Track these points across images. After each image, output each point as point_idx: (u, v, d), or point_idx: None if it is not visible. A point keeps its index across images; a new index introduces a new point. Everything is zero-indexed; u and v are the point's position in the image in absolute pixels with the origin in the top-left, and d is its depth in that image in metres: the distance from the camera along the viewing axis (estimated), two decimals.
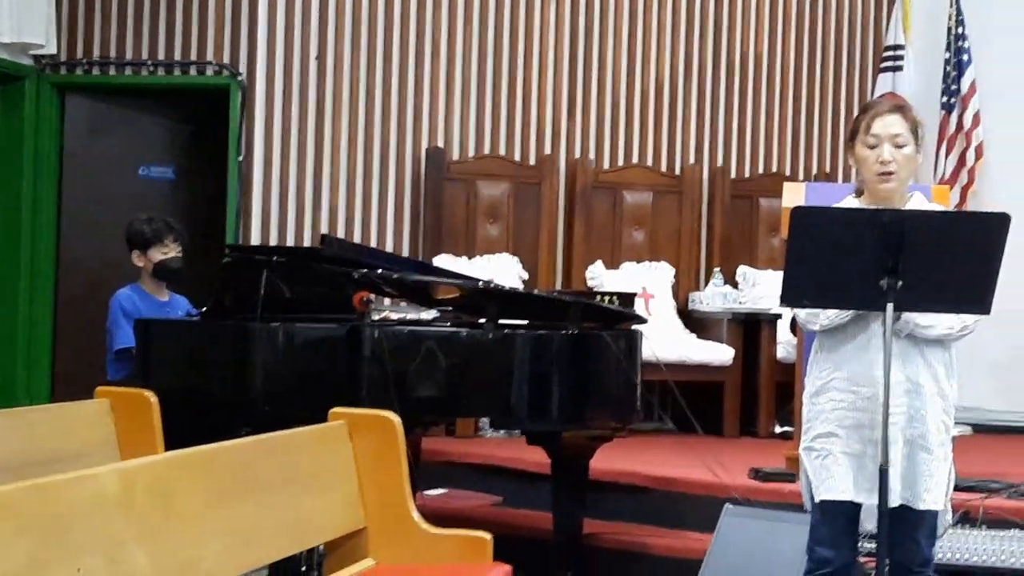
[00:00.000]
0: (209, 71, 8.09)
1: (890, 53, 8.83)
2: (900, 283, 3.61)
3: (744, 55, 9.05)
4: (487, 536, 3.92)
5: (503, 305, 5.19)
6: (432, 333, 5.00)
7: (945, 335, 3.90)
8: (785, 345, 7.82)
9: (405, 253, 8.10)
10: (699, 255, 8.83)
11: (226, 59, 8.07)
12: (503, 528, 5.69)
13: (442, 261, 7.81)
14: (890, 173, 3.88)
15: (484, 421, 7.43)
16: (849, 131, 4.07)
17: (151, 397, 4.44)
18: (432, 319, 5.93)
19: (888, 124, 3.91)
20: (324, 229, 7.98)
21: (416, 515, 3.95)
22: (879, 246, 3.61)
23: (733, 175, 8.98)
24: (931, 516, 3.91)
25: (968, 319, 3.90)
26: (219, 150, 8.10)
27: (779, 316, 7.68)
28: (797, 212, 3.64)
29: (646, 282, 8.31)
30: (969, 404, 8.74)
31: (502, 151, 8.45)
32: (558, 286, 8.37)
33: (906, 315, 3.80)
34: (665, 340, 7.75)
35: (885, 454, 3.62)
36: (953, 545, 5.10)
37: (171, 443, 4.28)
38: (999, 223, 3.62)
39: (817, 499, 3.91)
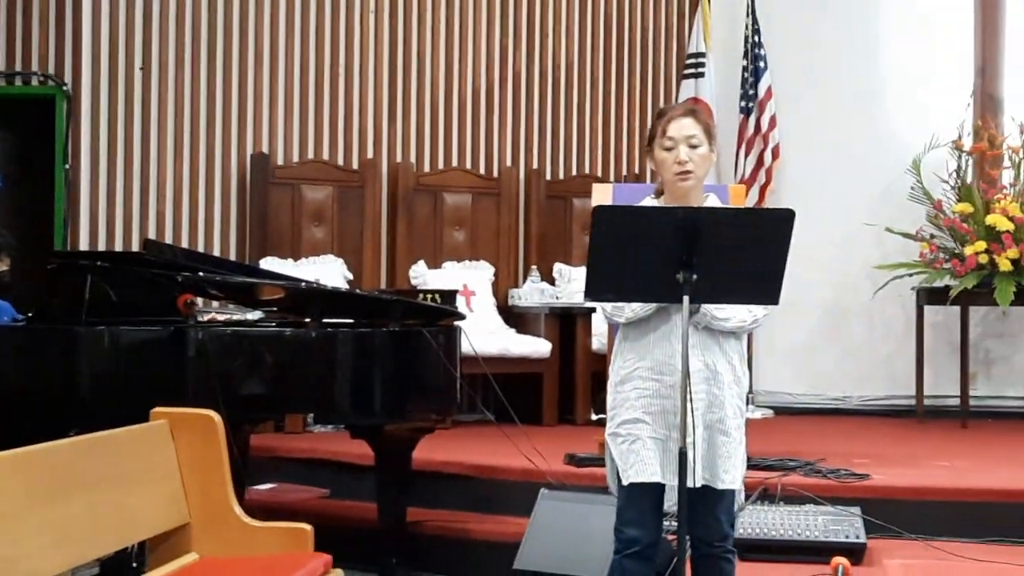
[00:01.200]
0: (34, 81, 7.89)
1: (692, 61, 8.96)
2: (695, 276, 3.66)
3: (556, 63, 9.15)
4: (308, 527, 3.91)
5: (326, 305, 5.18)
6: (256, 333, 4.97)
7: (739, 326, 3.98)
8: (599, 337, 7.93)
9: (232, 257, 8.00)
10: (517, 253, 8.90)
11: (51, 69, 7.87)
12: (330, 519, 5.70)
13: (268, 264, 7.73)
14: (687, 172, 3.96)
15: (312, 417, 7.38)
16: (647, 135, 4.14)
17: None
18: (258, 320, 5.87)
19: (683, 127, 3.99)
20: (152, 235, 7.84)
21: (238, 509, 3.92)
22: (675, 242, 3.66)
23: (548, 177, 9.06)
24: (730, 495, 3.99)
25: (758, 311, 3.98)
26: (46, 159, 7.90)
27: (593, 310, 7.77)
28: (598, 211, 3.69)
29: (467, 280, 8.35)
30: (770, 388, 9.00)
31: (325, 156, 8.41)
32: (382, 285, 8.35)
33: (704, 307, 3.87)
34: (486, 335, 7.80)
35: (683, 437, 3.70)
36: (753, 520, 5.22)
37: (4, 445, 4.17)
38: (784, 219, 3.70)
39: (626, 482, 3.95)
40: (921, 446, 7.22)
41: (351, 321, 5.27)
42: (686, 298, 3.68)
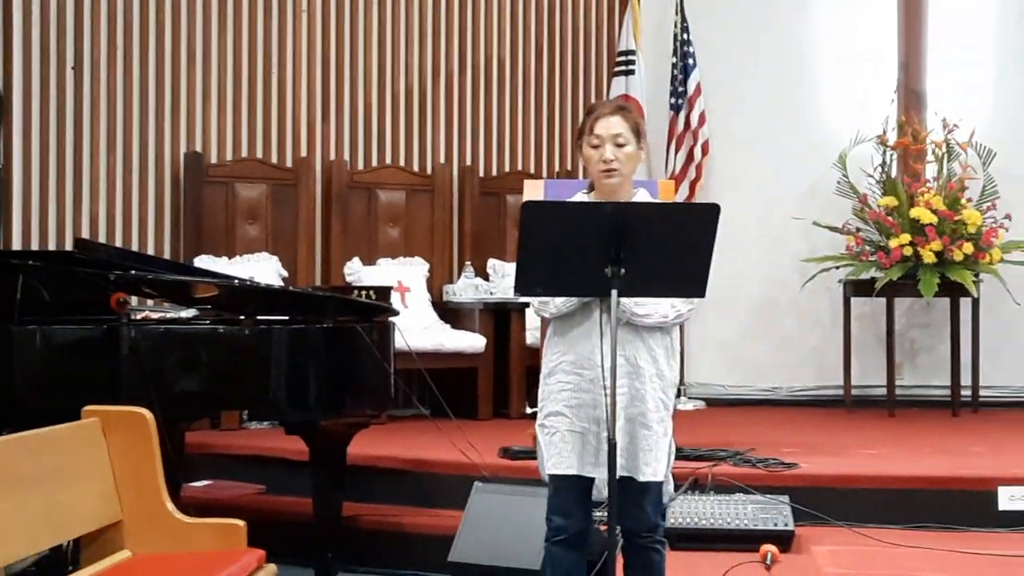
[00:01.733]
0: None
1: (622, 58, 9.00)
2: (623, 271, 3.69)
3: (488, 60, 9.16)
4: (241, 523, 3.89)
5: (261, 302, 5.16)
6: (190, 331, 4.93)
7: (660, 322, 4.00)
8: (533, 331, 7.95)
9: (166, 255, 7.93)
10: (451, 250, 8.90)
11: None
12: (266, 515, 5.67)
13: (203, 262, 7.68)
14: (612, 170, 3.98)
15: (248, 413, 7.34)
16: (577, 132, 4.16)
17: None
18: (192, 318, 5.83)
19: (609, 126, 4.02)
20: (85, 234, 7.75)
21: (171, 506, 3.90)
22: (603, 237, 3.68)
23: (482, 173, 9.07)
24: (654, 487, 4.01)
25: (682, 307, 4.01)
26: None
27: (527, 305, 7.79)
28: (527, 207, 3.70)
29: (402, 276, 8.33)
30: (703, 380, 9.07)
31: (259, 154, 8.36)
32: (317, 283, 8.31)
33: (624, 303, 3.87)
34: (421, 331, 7.81)
35: (611, 430, 3.71)
36: (684, 510, 5.26)
37: None
38: (710, 213, 3.72)
39: (545, 474, 4.03)
40: (849, 435, 7.30)
41: (286, 318, 5.24)
42: (614, 292, 3.70)
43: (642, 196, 4.10)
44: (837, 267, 8.44)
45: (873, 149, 8.60)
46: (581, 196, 4.13)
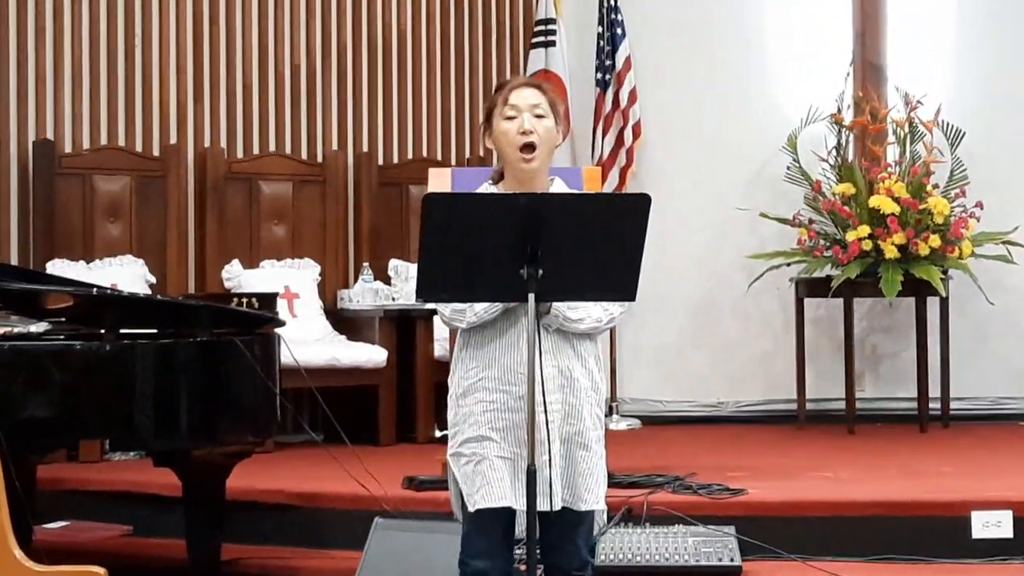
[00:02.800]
0: None
1: (541, 28, 9.02)
2: (541, 271, 3.69)
3: (387, 31, 9.13)
4: (101, 571, 3.83)
5: (124, 313, 5.12)
6: (39, 347, 4.88)
7: (594, 327, 4.01)
8: (442, 343, 7.94)
9: (13, 260, 7.80)
10: (347, 249, 8.87)
11: None
12: (133, 560, 5.65)
13: (56, 267, 7.59)
14: (532, 145, 3.97)
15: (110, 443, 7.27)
16: (485, 111, 4.16)
17: None
18: (43, 332, 5.75)
19: (526, 96, 4.04)
20: None
21: (19, 553, 3.83)
22: (517, 233, 3.69)
23: (380, 161, 9.05)
24: (590, 517, 4.03)
25: (613, 309, 4.02)
26: None
27: (435, 312, 7.76)
28: (429, 200, 3.70)
29: (289, 281, 8.29)
30: (636, 395, 9.11)
31: (121, 142, 8.27)
32: (190, 290, 8.26)
33: (556, 308, 3.89)
34: (312, 343, 7.78)
35: (532, 454, 3.71)
36: (615, 545, 5.27)
37: None
38: (639, 204, 3.73)
39: (473, 508, 3.94)
40: (803, 455, 7.36)
41: (153, 332, 5.20)
42: (532, 296, 3.70)
43: (559, 187, 4.10)
44: (788, 264, 8.51)
45: (827, 129, 8.68)
46: (487, 187, 4.13)
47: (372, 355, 7.99)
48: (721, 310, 9.15)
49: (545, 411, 3.76)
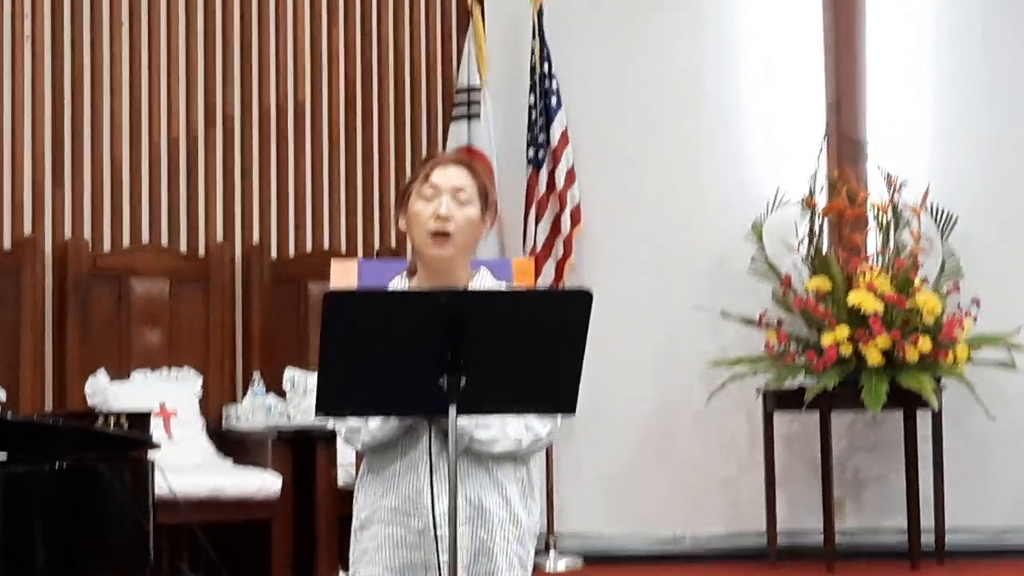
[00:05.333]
0: None
1: (463, 97, 9.06)
2: (464, 380, 3.68)
3: (282, 104, 9.13)
4: None
5: None
6: None
7: (510, 450, 4.00)
8: (347, 467, 7.87)
9: None
10: (234, 358, 8.83)
11: None
12: None
13: None
14: (446, 234, 3.98)
15: None
16: (401, 190, 4.17)
17: None
18: None
19: (450, 176, 4.06)
20: None
21: None
22: (436, 336, 3.67)
23: (274, 254, 9.03)
24: None
25: (540, 428, 4.01)
26: None
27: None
28: (330, 299, 3.69)
29: (165, 395, 8.23)
30: (577, 529, 9.06)
31: None
32: (48, 407, 8.20)
33: (461, 426, 3.87)
34: (192, 470, 7.71)
35: None
36: None
37: None
38: (580, 302, 3.73)
39: None
40: None
41: (2, 457, 5.16)
42: (452, 409, 3.69)
43: (484, 279, 4.11)
44: (754, 373, 8.54)
45: (797, 215, 8.75)
46: (398, 283, 4.14)
47: (264, 483, 7.92)
48: (677, 427, 9.16)
49: (449, 549, 3.73)
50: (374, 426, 3.94)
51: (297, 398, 8.51)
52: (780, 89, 9.19)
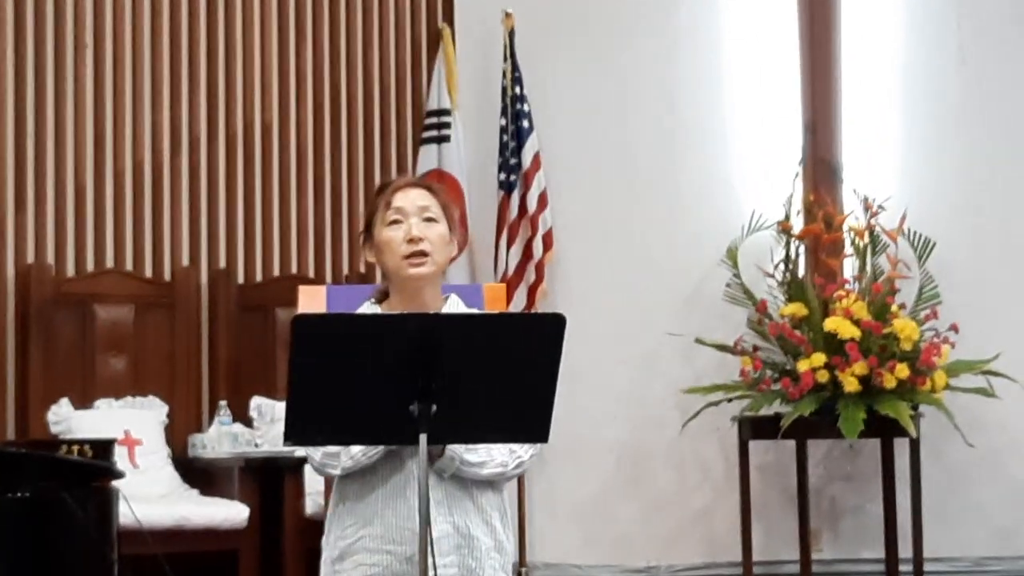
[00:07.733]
0: None
1: (433, 120, 9.07)
2: (435, 408, 3.69)
3: (249, 126, 9.12)
4: None
5: None
6: None
7: (498, 473, 4.01)
8: (315, 496, 7.87)
9: None
10: (199, 385, 8.82)
11: None
12: None
13: None
14: (422, 253, 3.99)
15: None
16: (364, 220, 4.17)
17: None
18: None
19: (412, 198, 4.07)
20: None
21: None
22: (406, 361, 3.69)
23: (241, 279, 9.02)
24: None
25: (522, 452, 4.03)
26: None
27: (306, 460, 7.72)
28: (298, 323, 3.70)
29: (130, 424, 8.22)
30: (550, 559, 9.06)
31: None
32: (10, 435, 8.18)
33: (451, 450, 3.88)
34: (157, 499, 7.71)
35: None
36: None
37: None
38: (552, 327, 3.74)
39: None
40: None
41: None
42: (423, 437, 3.69)
43: (455, 305, 4.11)
44: (729, 400, 8.54)
45: (773, 240, 8.77)
46: (369, 308, 4.14)
47: (230, 513, 7.91)
48: (651, 455, 9.14)
49: None
50: (357, 451, 3.94)
51: (264, 426, 8.51)
52: (755, 113, 9.19)
